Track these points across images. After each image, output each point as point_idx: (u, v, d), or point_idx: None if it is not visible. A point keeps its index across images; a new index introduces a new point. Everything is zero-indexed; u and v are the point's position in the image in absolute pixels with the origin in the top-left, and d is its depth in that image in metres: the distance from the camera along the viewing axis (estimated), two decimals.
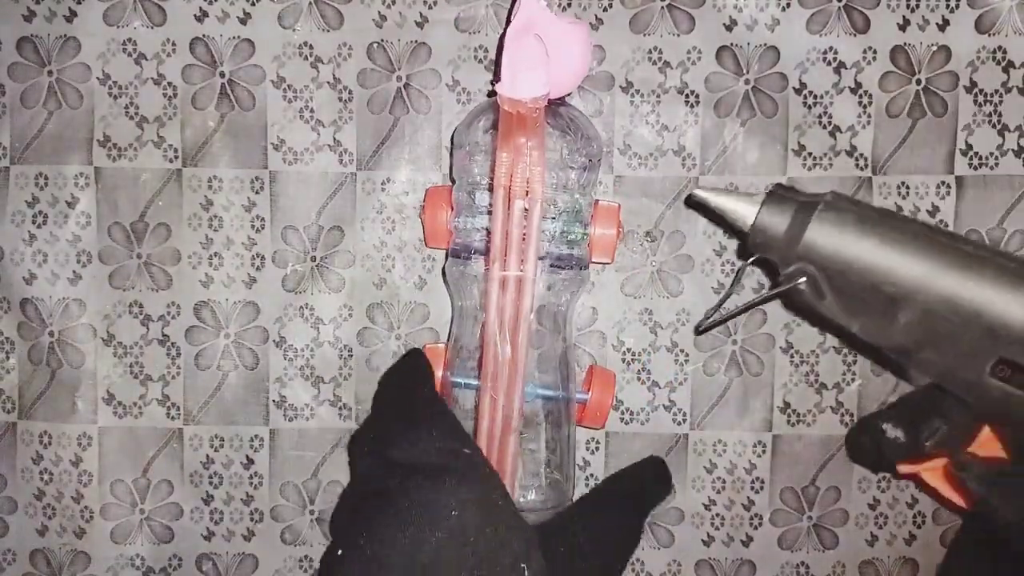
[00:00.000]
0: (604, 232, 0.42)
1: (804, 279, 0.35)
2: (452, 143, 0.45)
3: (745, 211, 0.36)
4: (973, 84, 0.45)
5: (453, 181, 0.44)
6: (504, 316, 0.39)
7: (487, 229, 0.40)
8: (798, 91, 0.45)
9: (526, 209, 0.38)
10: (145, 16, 0.45)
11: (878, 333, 0.35)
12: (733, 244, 0.46)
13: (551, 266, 0.41)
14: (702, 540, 0.47)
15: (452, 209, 0.42)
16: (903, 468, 0.39)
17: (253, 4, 0.45)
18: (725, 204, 0.37)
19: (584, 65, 0.40)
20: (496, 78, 0.38)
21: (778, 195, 0.36)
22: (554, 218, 0.41)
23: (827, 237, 0.34)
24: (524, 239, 0.38)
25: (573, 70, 0.39)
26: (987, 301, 0.31)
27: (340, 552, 0.34)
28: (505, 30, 0.38)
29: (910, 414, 0.38)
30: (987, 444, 0.36)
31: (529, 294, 0.39)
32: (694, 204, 0.42)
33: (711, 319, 0.39)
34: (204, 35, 0.45)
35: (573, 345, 0.45)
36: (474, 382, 0.41)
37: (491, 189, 0.40)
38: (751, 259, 0.37)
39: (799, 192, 0.36)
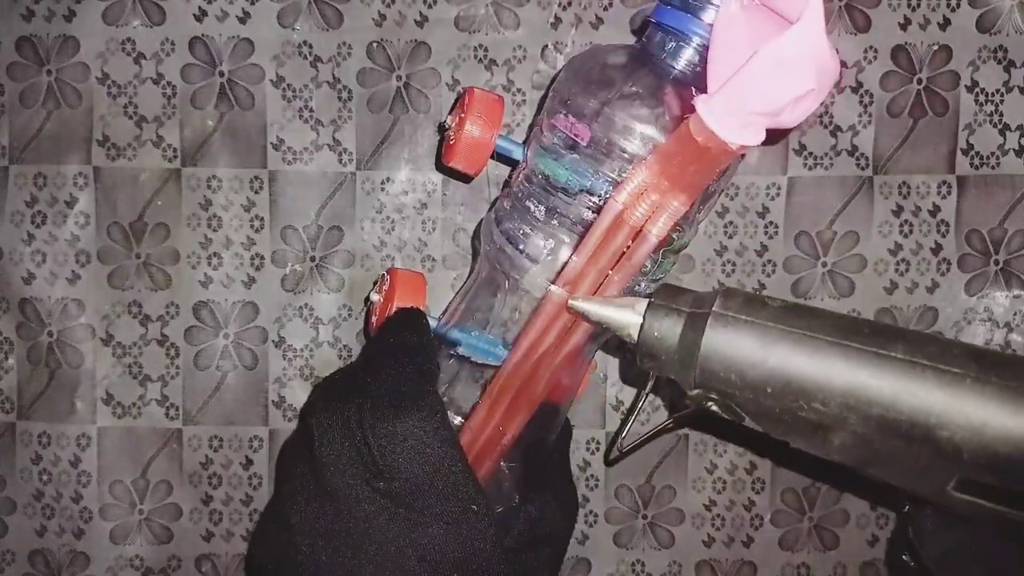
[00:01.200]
0: None
1: (712, 403, 0.29)
2: (551, 91, 0.37)
3: (629, 324, 0.31)
4: (974, 83, 0.44)
5: (538, 129, 0.37)
6: (545, 341, 0.34)
7: (563, 230, 0.34)
8: None
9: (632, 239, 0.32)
10: (144, 15, 0.45)
11: (816, 451, 0.29)
12: (735, 243, 0.46)
13: None
14: (703, 541, 0.47)
15: (502, 136, 0.35)
16: None
17: (252, 3, 0.45)
18: (605, 315, 0.31)
19: (816, 104, 0.30)
20: (650, 40, 0.31)
21: (660, 308, 0.30)
22: (658, 261, 0.35)
23: (723, 359, 0.28)
24: (612, 270, 0.33)
25: (801, 110, 0.30)
26: (932, 421, 0.26)
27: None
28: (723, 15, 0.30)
29: (913, 533, 0.32)
30: None
31: (583, 333, 0.34)
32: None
33: (619, 449, 0.34)
34: (203, 34, 0.45)
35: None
36: (477, 344, 0.37)
37: (591, 192, 0.33)
38: (652, 381, 0.33)
39: (685, 295, 0.31)
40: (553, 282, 0.34)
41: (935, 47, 0.44)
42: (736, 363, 0.28)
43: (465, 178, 0.44)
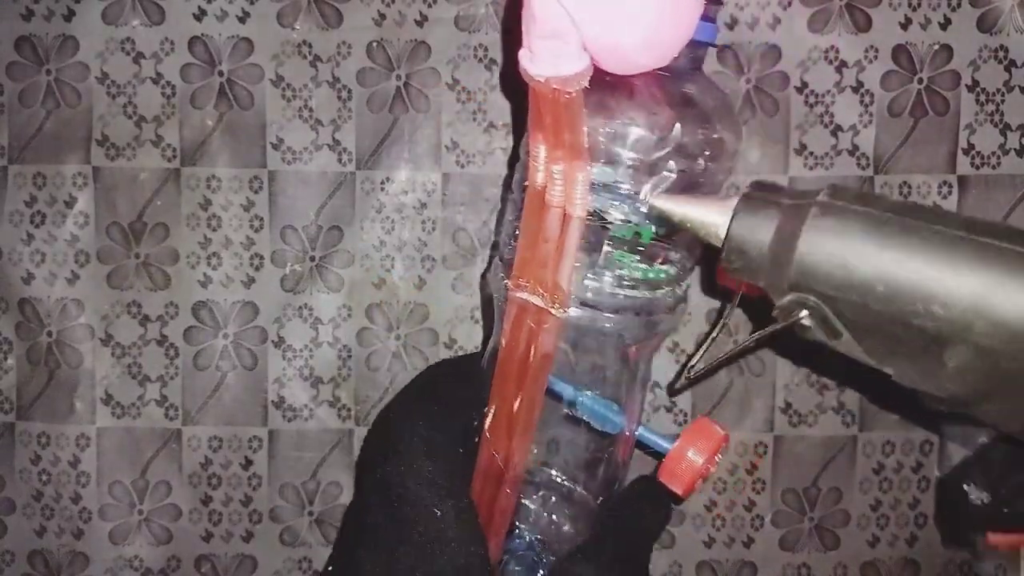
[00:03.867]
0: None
1: (806, 313, 0.26)
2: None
3: (716, 222, 0.27)
4: (975, 83, 0.44)
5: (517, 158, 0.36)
6: (516, 348, 0.32)
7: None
8: (799, 90, 0.45)
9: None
10: (143, 15, 0.45)
11: (922, 380, 0.25)
12: None
13: (618, 311, 0.33)
14: (703, 541, 0.47)
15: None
16: (994, 539, 0.32)
17: (252, 3, 0.45)
18: (691, 214, 0.28)
19: (690, 17, 0.27)
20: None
21: (755, 199, 0.27)
22: (625, 246, 0.32)
23: (828, 254, 0.25)
24: (555, 257, 0.31)
25: (668, 28, 0.26)
26: None
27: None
28: None
29: (998, 469, 0.29)
30: None
31: (550, 335, 0.31)
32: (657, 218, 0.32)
33: (694, 370, 0.31)
34: (203, 34, 0.45)
35: (647, 383, 0.39)
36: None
37: (523, 189, 0.32)
38: (738, 296, 0.29)
39: (783, 191, 0.27)
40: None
41: (936, 47, 0.44)
42: (843, 257, 0.24)
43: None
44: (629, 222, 0.32)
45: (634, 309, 0.34)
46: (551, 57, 0.26)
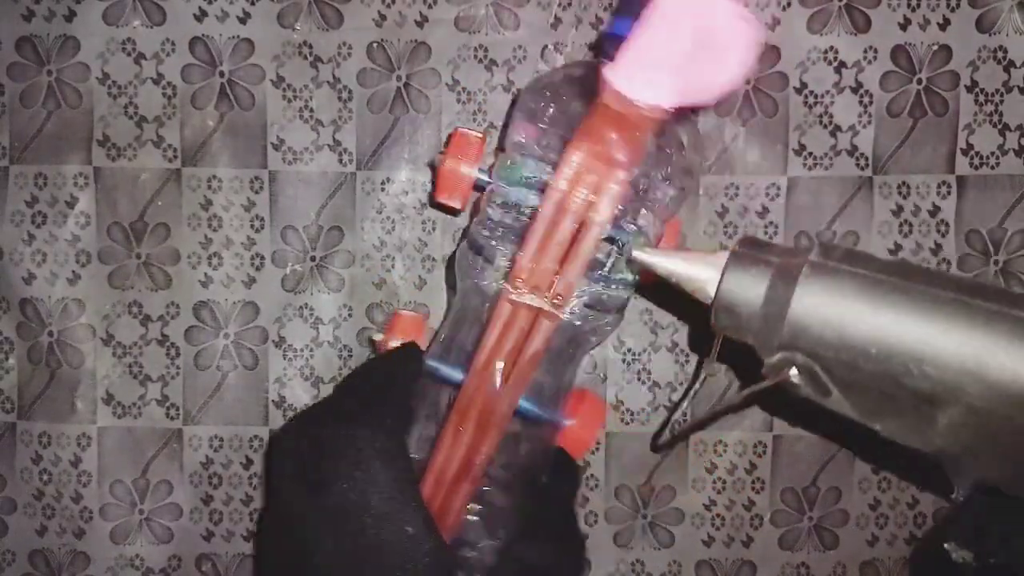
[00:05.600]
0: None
1: (796, 371, 0.26)
2: (516, 102, 0.38)
3: (704, 279, 0.27)
4: (974, 83, 0.44)
5: (502, 149, 0.38)
6: (504, 347, 0.32)
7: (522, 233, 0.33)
8: (799, 91, 0.45)
9: (579, 230, 0.30)
10: (144, 15, 0.45)
11: (911, 437, 0.25)
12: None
13: (585, 305, 0.34)
14: (702, 540, 0.47)
15: (480, 168, 0.35)
16: None
17: (252, 3, 0.45)
18: (676, 270, 0.28)
19: (739, 75, 0.29)
20: (607, 53, 0.30)
21: (745, 256, 0.27)
22: (609, 255, 0.34)
23: (819, 314, 0.25)
24: (562, 265, 0.31)
25: (719, 79, 0.29)
26: None
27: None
28: None
29: (976, 527, 0.28)
30: None
31: (543, 336, 0.32)
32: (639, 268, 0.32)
33: (671, 431, 0.31)
34: (203, 34, 0.45)
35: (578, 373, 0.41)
36: (457, 376, 0.35)
37: (542, 189, 0.33)
38: (718, 342, 0.28)
39: (772, 248, 0.27)
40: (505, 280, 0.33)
41: (935, 47, 0.44)
42: (837, 318, 0.24)
43: (454, 211, 0.44)
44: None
45: (616, 308, 0.35)
46: (653, 86, 0.29)
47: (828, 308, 0.25)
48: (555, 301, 0.32)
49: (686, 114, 0.35)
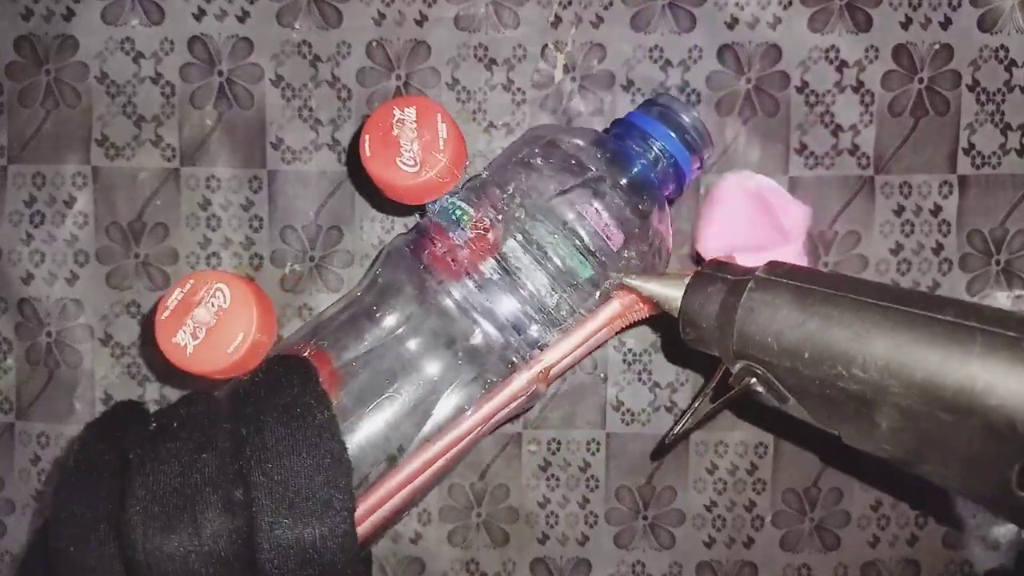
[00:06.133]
0: None
1: (754, 379, 0.28)
2: (496, 167, 0.39)
3: (674, 296, 0.31)
4: (976, 83, 0.44)
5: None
6: (498, 413, 0.35)
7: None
8: (800, 90, 0.45)
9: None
10: (143, 15, 0.45)
11: (865, 441, 0.27)
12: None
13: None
14: (703, 541, 0.47)
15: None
16: None
17: (251, 2, 0.45)
18: (654, 291, 0.32)
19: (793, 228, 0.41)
20: (619, 135, 0.37)
21: (705, 275, 0.30)
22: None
23: (760, 324, 0.27)
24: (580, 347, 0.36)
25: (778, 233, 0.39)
26: (979, 387, 0.23)
27: None
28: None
29: None
30: None
31: (521, 403, 0.36)
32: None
33: (668, 440, 0.33)
34: (202, 33, 0.45)
35: None
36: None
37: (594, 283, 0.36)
38: (722, 368, 0.31)
39: (731, 268, 0.30)
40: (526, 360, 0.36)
41: (936, 46, 0.44)
42: (773, 325, 0.27)
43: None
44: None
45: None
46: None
47: (765, 317, 0.27)
48: (539, 377, 0.36)
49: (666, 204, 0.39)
